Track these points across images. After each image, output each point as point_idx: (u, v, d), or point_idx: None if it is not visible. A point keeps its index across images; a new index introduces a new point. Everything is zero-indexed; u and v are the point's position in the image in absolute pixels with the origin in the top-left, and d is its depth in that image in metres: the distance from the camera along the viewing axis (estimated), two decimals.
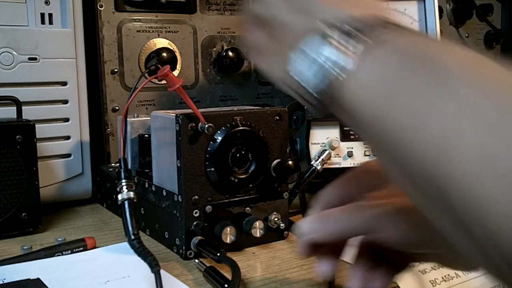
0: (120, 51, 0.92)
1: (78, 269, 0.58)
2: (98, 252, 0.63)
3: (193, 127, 0.60)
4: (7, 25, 0.76)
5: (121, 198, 0.57)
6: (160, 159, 0.67)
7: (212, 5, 1.00)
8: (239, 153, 0.63)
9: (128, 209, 0.57)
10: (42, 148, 0.78)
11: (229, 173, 0.63)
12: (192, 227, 0.62)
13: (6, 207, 0.69)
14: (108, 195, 0.84)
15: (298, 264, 0.60)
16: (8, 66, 0.76)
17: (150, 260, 0.53)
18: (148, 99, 0.94)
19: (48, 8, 0.79)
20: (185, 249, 0.62)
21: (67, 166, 0.82)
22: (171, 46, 0.95)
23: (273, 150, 0.66)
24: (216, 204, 0.63)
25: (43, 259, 0.60)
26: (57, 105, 0.81)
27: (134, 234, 0.56)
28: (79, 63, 0.82)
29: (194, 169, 0.61)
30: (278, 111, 0.67)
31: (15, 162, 0.69)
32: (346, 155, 0.79)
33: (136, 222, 0.56)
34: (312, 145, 0.79)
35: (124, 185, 0.57)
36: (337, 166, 0.79)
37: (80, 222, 0.78)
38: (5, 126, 0.69)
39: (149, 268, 0.52)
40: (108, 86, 0.91)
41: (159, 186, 0.66)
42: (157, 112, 0.67)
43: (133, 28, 0.92)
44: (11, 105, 0.74)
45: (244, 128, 0.63)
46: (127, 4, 0.92)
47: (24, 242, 0.68)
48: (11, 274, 0.55)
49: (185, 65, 0.97)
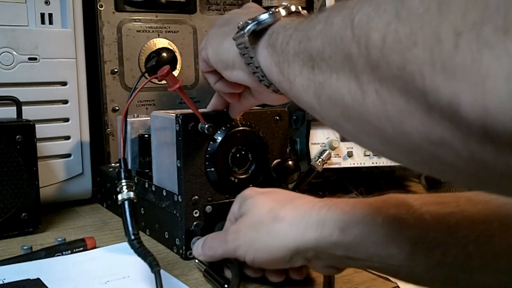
0: (120, 51, 0.92)
1: (78, 269, 0.58)
2: (98, 252, 0.63)
3: (193, 127, 0.60)
4: (7, 25, 0.76)
5: (121, 198, 0.57)
6: (160, 159, 0.67)
7: (212, 5, 1.00)
8: (239, 153, 0.63)
9: (128, 209, 0.57)
10: (42, 148, 0.78)
11: (229, 173, 0.63)
12: (192, 227, 0.62)
13: (6, 207, 0.69)
14: (108, 195, 0.84)
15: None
16: (8, 66, 0.76)
17: (150, 260, 0.53)
18: (148, 99, 0.94)
19: (48, 8, 0.79)
20: (185, 249, 0.62)
21: (67, 166, 0.82)
22: (171, 46, 0.95)
23: (273, 150, 0.66)
24: (216, 204, 0.63)
25: (43, 259, 0.60)
26: (57, 105, 0.81)
27: (134, 234, 0.55)
28: (79, 63, 0.82)
29: (194, 169, 0.61)
30: (278, 111, 0.67)
31: (15, 162, 0.69)
32: (346, 155, 0.79)
33: (136, 222, 0.56)
34: (312, 145, 0.79)
35: (124, 185, 0.57)
36: (337, 166, 0.79)
37: (80, 222, 0.78)
38: (5, 126, 0.69)
39: (149, 268, 0.52)
40: (108, 86, 0.91)
41: (159, 186, 0.66)
42: (157, 112, 0.67)
43: (133, 28, 0.92)
44: (11, 105, 0.74)
45: (244, 128, 0.63)
46: (127, 4, 0.92)
47: (24, 242, 0.68)
48: (11, 274, 0.55)
49: (185, 65, 0.97)
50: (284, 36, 0.39)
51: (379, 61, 0.27)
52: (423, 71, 0.24)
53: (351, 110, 0.30)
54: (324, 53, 0.33)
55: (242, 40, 0.45)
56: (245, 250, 0.52)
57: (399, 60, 0.25)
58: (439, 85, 0.23)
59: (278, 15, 0.43)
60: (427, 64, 0.23)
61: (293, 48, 0.37)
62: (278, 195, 0.56)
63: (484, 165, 0.24)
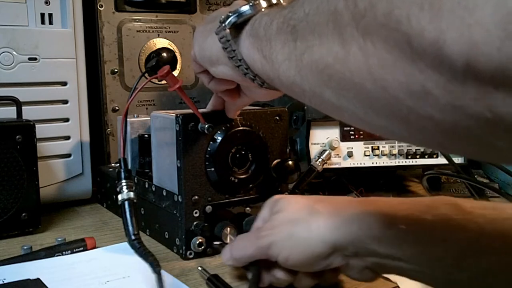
0: (120, 51, 0.91)
1: (78, 269, 0.58)
2: (98, 252, 0.63)
3: (193, 127, 0.60)
4: (7, 25, 0.76)
5: (121, 198, 0.57)
6: (160, 159, 0.67)
7: (212, 5, 1.00)
8: (239, 153, 0.63)
9: (128, 209, 0.57)
10: (42, 148, 0.78)
11: (229, 173, 0.63)
12: (192, 227, 0.62)
13: (6, 207, 0.69)
14: (108, 195, 0.84)
15: None
16: (8, 66, 0.76)
17: (151, 260, 0.53)
18: (148, 99, 0.94)
19: (48, 8, 0.79)
20: (185, 249, 0.62)
21: (67, 166, 0.82)
22: (171, 46, 0.95)
23: (273, 150, 0.66)
24: (216, 204, 0.63)
25: (43, 259, 0.60)
26: (57, 105, 0.81)
27: (134, 234, 0.56)
28: (79, 63, 0.82)
29: (194, 169, 0.61)
30: (278, 111, 0.67)
31: (15, 162, 0.69)
32: (346, 155, 0.79)
33: (136, 222, 0.56)
34: (312, 145, 0.79)
35: (124, 185, 0.57)
36: (337, 166, 0.79)
37: (80, 222, 0.78)
38: (5, 126, 0.69)
39: (150, 269, 0.52)
40: (108, 86, 0.91)
41: (159, 186, 0.66)
42: (157, 112, 0.67)
43: (133, 28, 0.92)
44: (11, 105, 0.74)
45: (244, 128, 0.63)
46: (127, 4, 0.92)
47: (24, 242, 0.68)
48: (11, 274, 0.55)
49: (185, 65, 0.97)
50: (267, 20, 0.39)
51: (365, 10, 0.27)
52: (410, 13, 0.24)
53: (333, 72, 0.31)
54: (308, 17, 0.33)
55: (223, 34, 0.45)
56: (280, 246, 0.49)
57: (386, 6, 0.26)
58: (424, 26, 0.24)
59: (259, 7, 0.43)
60: (415, 5, 0.24)
61: (276, 25, 0.37)
62: (310, 196, 0.54)
63: (462, 112, 0.24)
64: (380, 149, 0.79)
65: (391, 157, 0.80)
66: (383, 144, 0.79)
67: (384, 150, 0.79)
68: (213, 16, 0.53)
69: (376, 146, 0.79)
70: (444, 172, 0.80)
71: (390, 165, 0.80)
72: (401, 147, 0.79)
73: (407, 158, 0.79)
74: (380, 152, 0.79)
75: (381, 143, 0.79)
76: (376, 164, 0.80)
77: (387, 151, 0.79)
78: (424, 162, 0.80)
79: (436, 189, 0.89)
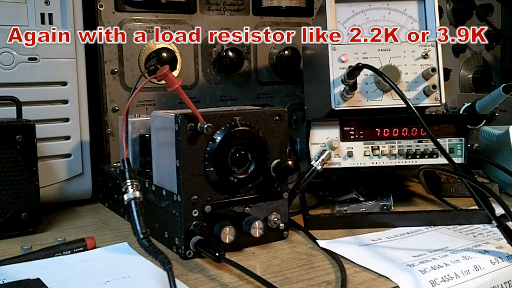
0: (120, 51, 0.92)
1: (78, 269, 0.58)
2: (98, 252, 0.63)
3: (192, 127, 0.61)
4: (7, 25, 0.76)
5: (127, 198, 0.57)
6: (160, 159, 0.67)
7: (212, 5, 1.01)
8: (238, 153, 0.63)
9: (135, 208, 0.57)
10: (42, 148, 0.78)
11: (228, 173, 0.63)
12: (192, 227, 0.62)
13: (6, 207, 0.69)
14: (110, 195, 0.84)
15: (298, 264, 0.60)
16: (8, 66, 0.76)
17: (161, 258, 0.53)
18: (148, 99, 0.94)
19: (48, 8, 0.79)
20: (184, 248, 0.62)
21: (67, 166, 0.82)
22: (171, 46, 0.95)
23: (273, 150, 0.66)
24: (216, 204, 0.63)
25: (43, 259, 0.60)
26: (57, 105, 0.81)
27: (143, 233, 0.56)
28: (79, 63, 0.82)
29: (193, 169, 0.61)
30: (278, 111, 0.67)
31: (15, 162, 0.70)
32: (346, 155, 0.79)
33: (144, 220, 0.56)
34: (312, 145, 0.79)
35: (129, 185, 0.58)
36: (337, 166, 0.79)
37: (80, 222, 0.78)
38: (5, 126, 0.69)
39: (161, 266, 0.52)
40: (108, 86, 0.91)
41: (159, 186, 0.66)
42: (157, 112, 0.67)
43: (133, 28, 0.92)
44: (11, 105, 0.74)
45: (244, 128, 0.63)
46: (127, 4, 0.92)
47: (24, 242, 0.68)
48: (11, 274, 0.55)
49: (185, 65, 0.97)
50: None
51: None
52: None
53: None
54: None
55: None
56: None
57: None
58: None
59: None
60: None
61: None
62: None
63: None
64: (380, 149, 0.79)
65: (391, 157, 0.80)
66: (383, 144, 0.79)
67: (384, 150, 0.79)
68: None
69: (376, 146, 0.79)
70: (440, 167, 0.80)
71: (390, 165, 0.80)
72: (401, 147, 0.79)
73: (407, 158, 0.79)
74: (380, 152, 0.79)
75: (381, 143, 0.79)
76: (376, 164, 0.80)
77: (387, 151, 0.79)
78: (424, 162, 0.80)
79: (436, 190, 0.89)
